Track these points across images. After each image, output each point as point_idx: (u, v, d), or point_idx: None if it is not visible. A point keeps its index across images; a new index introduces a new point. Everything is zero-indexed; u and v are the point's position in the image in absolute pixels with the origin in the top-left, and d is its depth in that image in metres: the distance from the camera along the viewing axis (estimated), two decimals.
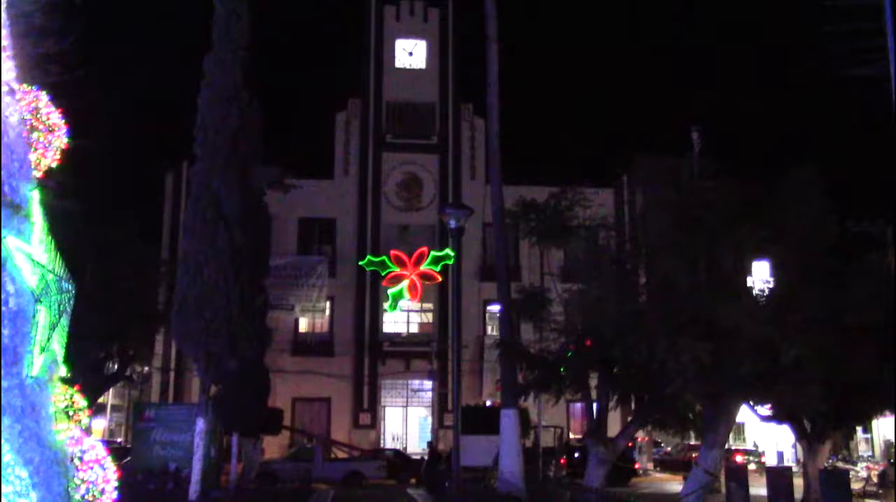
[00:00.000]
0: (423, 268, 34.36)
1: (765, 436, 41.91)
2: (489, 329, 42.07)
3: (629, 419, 24.71)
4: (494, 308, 32.34)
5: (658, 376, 17.38)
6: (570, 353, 20.88)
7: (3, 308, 7.68)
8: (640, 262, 20.91)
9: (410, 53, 45.52)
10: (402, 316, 42.50)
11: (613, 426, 25.20)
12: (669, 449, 42.82)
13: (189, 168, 26.90)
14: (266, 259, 23.39)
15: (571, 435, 39.52)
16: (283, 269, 39.33)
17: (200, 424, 19.28)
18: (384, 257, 34.92)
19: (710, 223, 17.72)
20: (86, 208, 18.57)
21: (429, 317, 43.56)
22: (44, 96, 9.44)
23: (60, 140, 9.55)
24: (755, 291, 17.82)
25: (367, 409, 41.78)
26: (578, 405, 35.89)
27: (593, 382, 21.36)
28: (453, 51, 45.39)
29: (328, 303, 42.54)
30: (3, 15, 8.87)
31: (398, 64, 45.17)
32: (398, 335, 42.80)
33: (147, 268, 32.53)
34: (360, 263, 38.00)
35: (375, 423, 41.83)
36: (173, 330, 20.78)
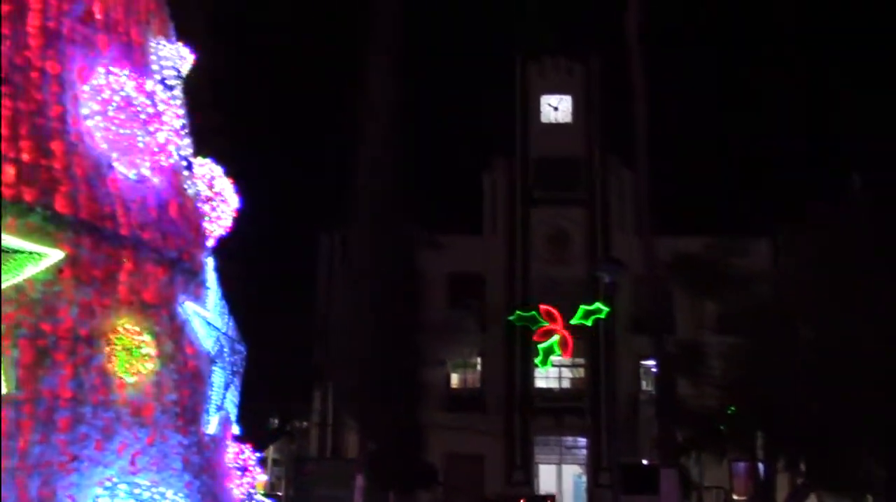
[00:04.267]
0: (574, 322, 34.00)
1: None
2: (644, 384, 40.96)
3: (799, 482, 23.34)
4: (649, 362, 31.53)
5: (834, 438, 16.38)
6: (731, 410, 20.04)
7: (183, 370, 8.11)
8: (807, 315, 19.93)
9: (556, 108, 45.73)
10: (554, 371, 42.04)
11: (782, 489, 23.85)
12: None
13: (342, 227, 27.85)
14: (417, 316, 23.79)
15: (735, 497, 37.65)
16: (434, 325, 39.80)
17: (360, 480, 19.62)
18: (534, 312, 34.81)
19: None
20: (250, 271, 19.52)
21: (581, 373, 42.88)
22: (217, 168, 10.05)
23: (232, 209, 10.12)
24: None
25: (521, 466, 41.32)
26: (742, 464, 34.22)
27: (758, 440, 20.38)
28: (599, 103, 45.28)
29: (479, 359, 42.64)
30: (180, 93, 9.55)
31: (544, 119, 45.45)
32: (550, 391, 42.30)
33: (305, 326, 33.65)
34: (510, 318, 38.00)
35: (529, 480, 41.28)
36: (330, 386, 21.37)
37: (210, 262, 9.35)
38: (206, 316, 8.67)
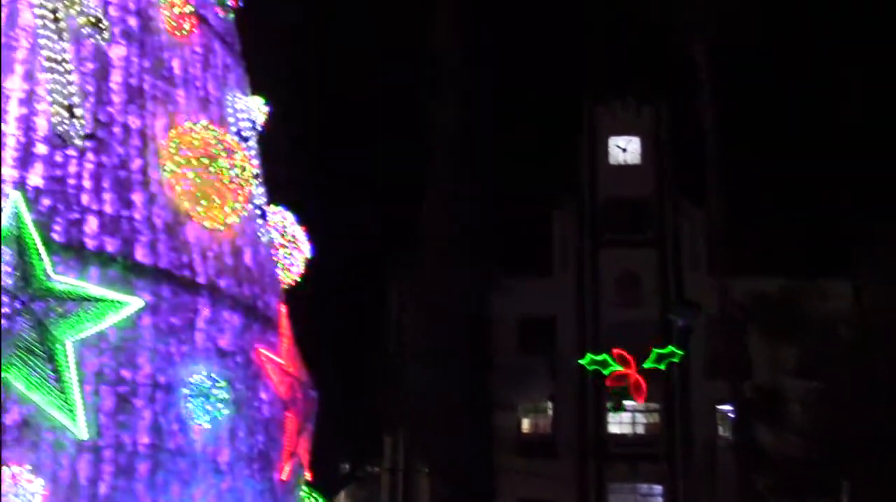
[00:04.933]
0: (647, 366, 33.38)
1: None
2: (721, 429, 39.88)
3: None
4: (726, 407, 30.73)
5: None
6: (814, 458, 19.38)
7: (258, 415, 8.21)
8: (890, 358, 19.24)
9: (624, 149, 45.53)
10: (628, 416, 41.29)
11: None
12: None
13: (411, 271, 28.00)
14: (487, 359, 23.70)
15: None
16: (505, 369, 39.53)
17: None
18: (606, 355, 34.27)
19: None
20: (321, 316, 19.74)
21: (655, 418, 42.01)
22: (289, 215, 10.25)
23: (304, 255, 10.29)
24: None
25: None
26: None
27: (843, 488, 19.63)
28: (668, 143, 44.93)
29: (550, 404, 42.15)
30: (254, 143, 9.80)
31: (612, 160, 45.26)
32: (624, 436, 41.51)
33: (375, 370, 33.77)
34: (581, 362, 37.52)
35: None
36: (401, 431, 21.36)
37: (283, 309, 9.50)
38: (280, 362, 8.79)
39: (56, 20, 8.07)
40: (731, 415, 23.33)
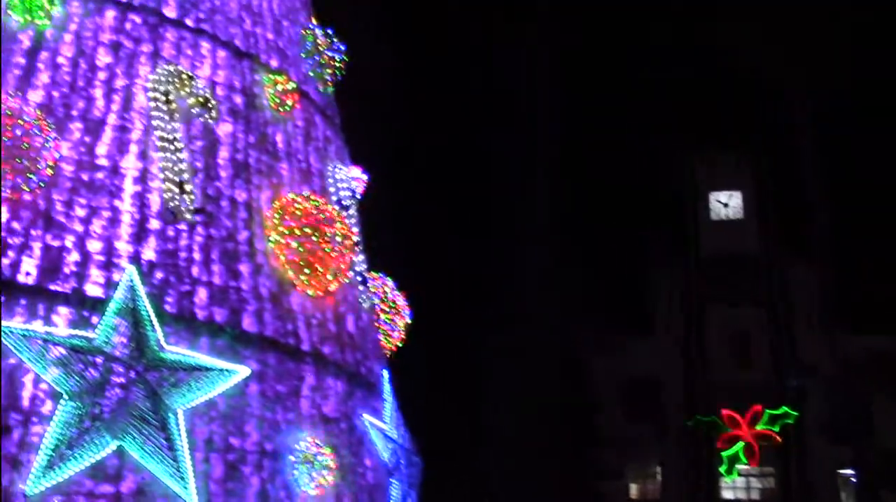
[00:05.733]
0: (760, 428, 32.08)
1: None
2: (843, 496, 37.77)
3: None
4: (847, 472, 29.15)
5: None
6: None
7: (362, 482, 8.21)
8: None
9: (725, 204, 44.60)
10: (742, 481, 39.54)
11: None
12: None
13: (510, 335, 27.75)
14: (591, 424, 23.20)
15: None
16: (610, 433, 38.60)
17: None
18: (715, 417, 33.15)
19: None
20: (422, 382, 19.75)
21: (771, 483, 40.13)
22: (390, 281, 10.38)
23: (405, 321, 10.36)
24: None
25: None
26: None
27: None
28: (772, 197, 43.78)
29: (659, 469, 40.81)
30: (354, 213, 10.01)
31: (714, 216, 44.35)
32: None
33: (478, 438, 33.43)
34: (690, 424, 36.35)
35: None
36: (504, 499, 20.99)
37: (386, 375, 9.56)
38: (384, 428, 8.80)
39: (168, 102, 8.50)
40: (854, 481, 22.06)
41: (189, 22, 9.16)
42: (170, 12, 9.09)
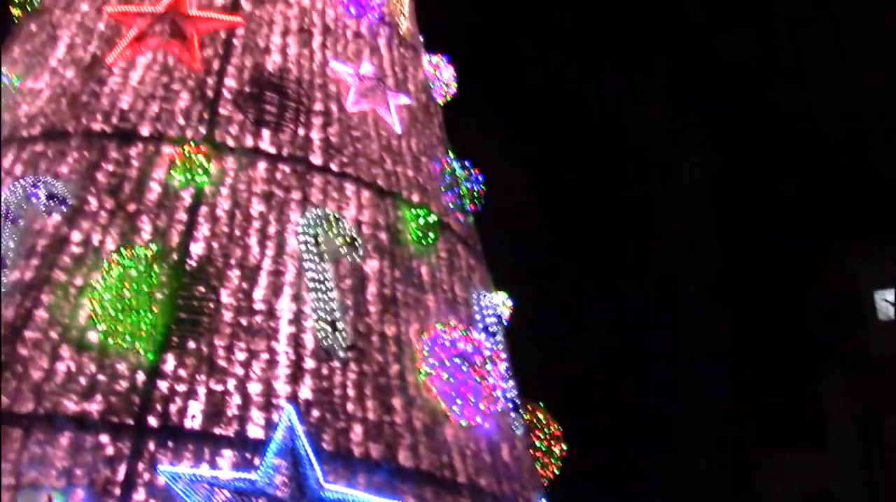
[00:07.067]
0: None
1: None
2: None
3: None
4: None
5: None
6: None
7: None
8: None
9: (893, 304, 41.96)
10: None
11: None
12: None
13: (669, 458, 26.54)
14: None
15: None
16: None
17: None
18: None
19: None
20: None
21: None
22: (543, 410, 10.18)
23: (560, 448, 10.08)
24: None
25: None
26: None
27: None
28: None
29: None
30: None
31: (881, 316, 41.74)
32: None
33: None
34: None
35: None
36: None
37: None
38: None
39: (317, 244, 8.85)
40: None
41: (334, 167, 9.62)
42: (316, 159, 9.58)
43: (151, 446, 7.39)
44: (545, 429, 10.10)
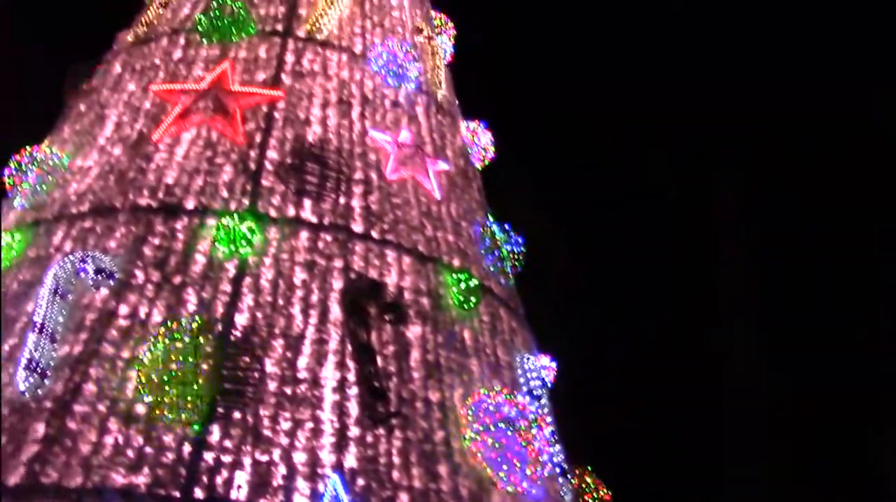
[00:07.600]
0: None
1: None
2: None
3: None
4: None
5: None
6: None
7: None
8: None
9: None
10: None
11: None
12: None
13: None
14: None
15: None
16: None
17: None
18: None
19: None
20: None
21: None
22: (591, 473, 9.99)
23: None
24: None
25: None
26: None
27: None
28: None
29: None
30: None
31: None
32: None
33: None
34: None
35: None
36: None
37: None
38: None
39: (360, 310, 8.89)
40: None
41: (375, 234, 9.69)
42: (357, 227, 9.67)
43: None
44: (594, 494, 9.90)
